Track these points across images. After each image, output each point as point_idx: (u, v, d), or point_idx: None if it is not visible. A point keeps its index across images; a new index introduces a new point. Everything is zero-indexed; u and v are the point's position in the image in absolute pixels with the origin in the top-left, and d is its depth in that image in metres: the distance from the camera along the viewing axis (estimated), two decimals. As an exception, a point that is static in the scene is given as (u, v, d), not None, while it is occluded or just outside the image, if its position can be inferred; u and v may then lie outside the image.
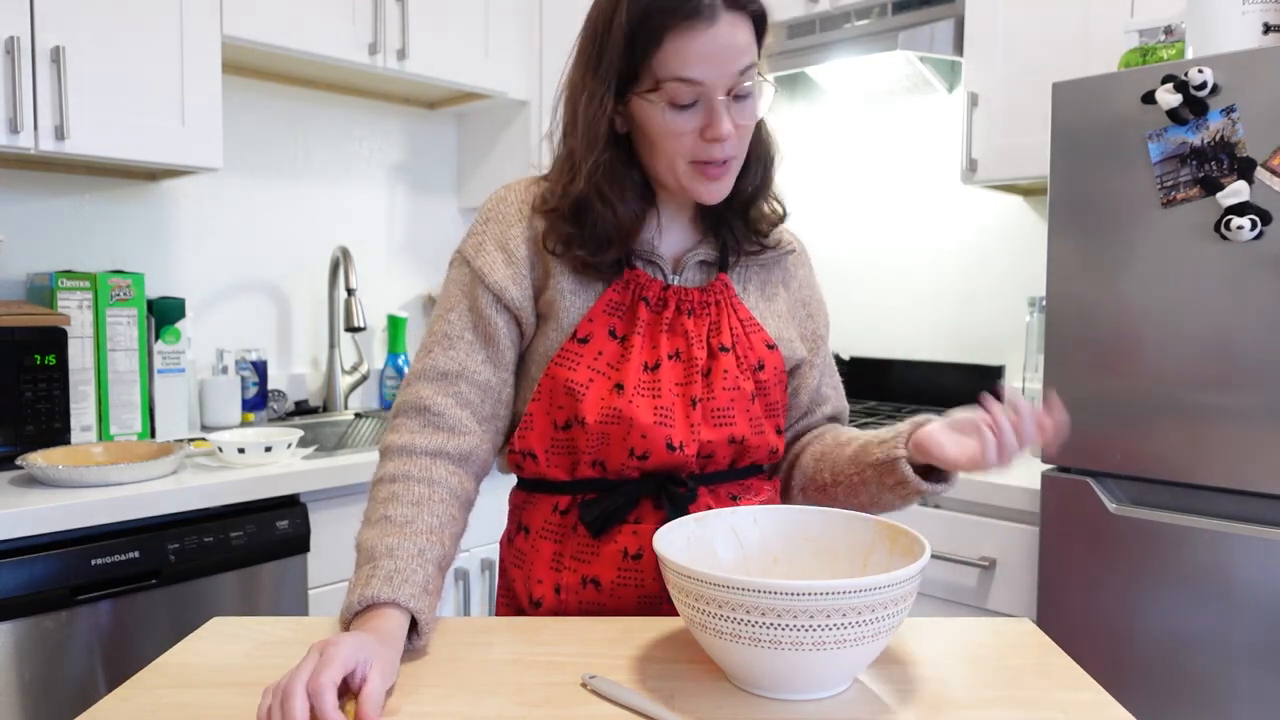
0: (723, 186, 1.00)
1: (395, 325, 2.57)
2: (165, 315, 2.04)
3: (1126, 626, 1.62)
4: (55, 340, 1.77)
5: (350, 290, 2.32)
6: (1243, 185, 1.47)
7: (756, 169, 1.06)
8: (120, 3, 1.80)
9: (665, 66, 0.93)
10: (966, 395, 2.39)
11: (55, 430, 1.77)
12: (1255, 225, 1.46)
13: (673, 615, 0.96)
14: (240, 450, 1.74)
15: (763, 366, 1.04)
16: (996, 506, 1.83)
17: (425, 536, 0.91)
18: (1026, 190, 2.31)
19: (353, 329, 2.31)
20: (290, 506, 1.76)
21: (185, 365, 2.08)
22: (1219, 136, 1.49)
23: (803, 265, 1.17)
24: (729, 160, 0.98)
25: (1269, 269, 1.46)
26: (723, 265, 1.07)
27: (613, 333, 1.00)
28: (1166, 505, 1.59)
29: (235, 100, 2.28)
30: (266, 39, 2.00)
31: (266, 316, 2.41)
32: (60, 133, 1.72)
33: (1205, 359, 1.53)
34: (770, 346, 1.06)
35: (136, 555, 1.55)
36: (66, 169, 2.03)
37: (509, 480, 1.11)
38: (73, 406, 1.86)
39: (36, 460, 1.61)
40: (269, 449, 1.76)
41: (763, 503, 1.07)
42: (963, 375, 2.46)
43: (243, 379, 2.25)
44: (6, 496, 1.50)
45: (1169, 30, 1.72)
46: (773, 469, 1.15)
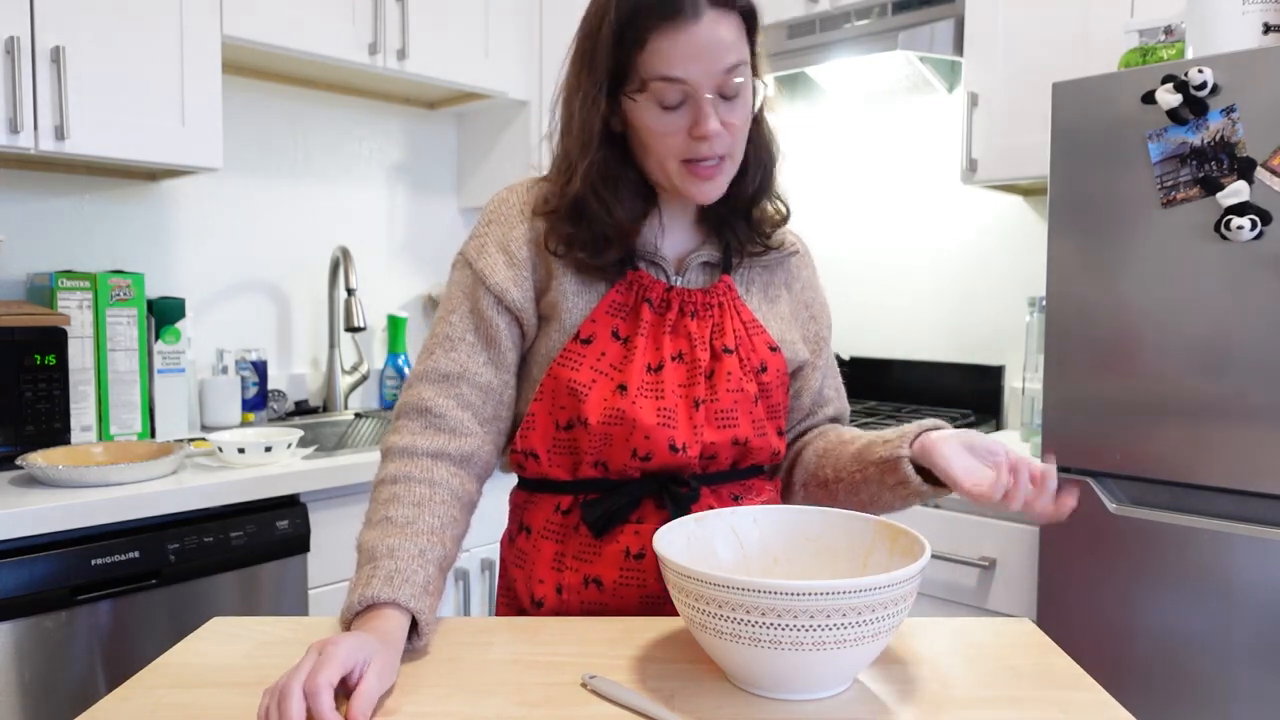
0: (715, 186, 0.99)
1: (395, 325, 2.57)
2: (165, 315, 2.04)
3: (1126, 626, 1.62)
4: (55, 340, 1.77)
5: (350, 290, 2.32)
6: (1243, 185, 1.47)
7: (756, 170, 1.05)
8: (120, 3, 1.80)
9: (650, 66, 0.94)
10: (966, 395, 2.44)
11: (55, 430, 1.77)
12: (1255, 225, 1.46)
13: (675, 615, 0.96)
14: (240, 450, 1.74)
15: (765, 368, 1.04)
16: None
17: (426, 537, 0.91)
18: (1026, 190, 2.31)
19: (353, 329, 2.31)
20: (290, 506, 1.76)
21: (185, 365, 2.08)
22: (1219, 136, 1.49)
23: (806, 267, 1.17)
24: (721, 159, 0.97)
25: (1269, 269, 1.46)
26: (726, 267, 1.07)
27: (616, 334, 1.00)
28: (1166, 505, 1.59)
29: (235, 100, 2.28)
30: (266, 39, 2.00)
31: (266, 316, 2.41)
32: (60, 133, 1.72)
33: (1205, 359, 1.53)
34: (773, 348, 1.06)
35: (136, 555, 1.55)
36: (66, 169, 2.03)
37: (509, 480, 1.11)
38: (73, 406, 1.86)
39: (36, 460, 1.61)
40: (269, 449, 1.77)
41: (764, 503, 1.07)
42: (963, 375, 2.46)
43: (243, 379, 2.25)
44: (6, 496, 1.50)
45: (1169, 30, 1.72)
46: (773, 469, 1.15)
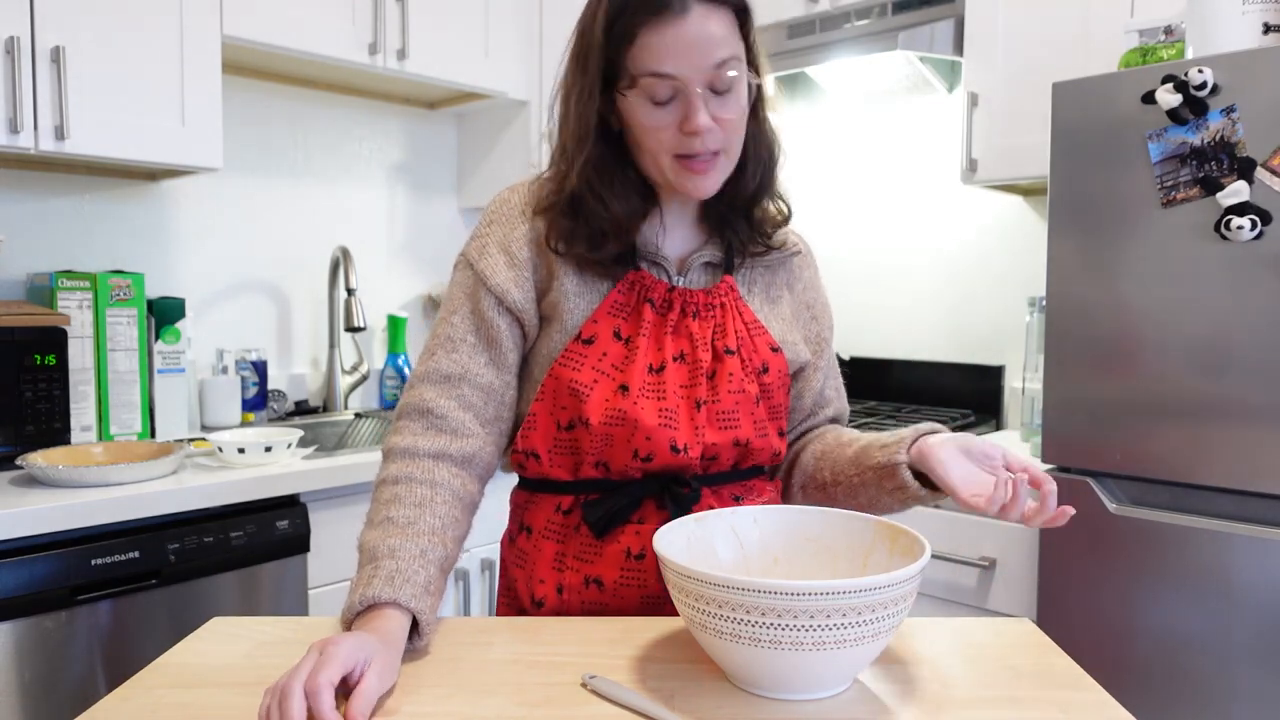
0: (708, 180, 0.98)
1: (395, 325, 2.57)
2: (165, 315, 2.04)
3: (1126, 626, 1.62)
4: (55, 340, 1.77)
5: (350, 290, 2.32)
6: (1243, 185, 1.47)
7: (756, 167, 1.04)
8: (120, 3, 1.80)
9: (640, 62, 0.94)
10: (966, 395, 2.44)
11: (55, 430, 1.77)
12: (1255, 225, 1.46)
13: (675, 615, 0.96)
14: (240, 450, 1.74)
15: (767, 369, 1.04)
16: (996, 506, 1.83)
17: (427, 538, 0.91)
18: (1026, 190, 2.31)
19: (353, 329, 2.31)
20: (290, 506, 1.76)
21: (185, 365, 2.08)
22: (1219, 136, 1.49)
23: (808, 267, 1.16)
24: (715, 154, 0.97)
25: (1269, 269, 1.46)
26: (728, 267, 1.07)
27: (617, 334, 1.00)
28: (1166, 505, 1.59)
29: (235, 100, 2.28)
30: (266, 39, 2.00)
31: (266, 316, 2.41)
32: (60, 133, 1.72)
33: (1205, 359, 1.53)
34: (774, 349, 1.06)
35: (136, 555, 1.55)
36: (66, 169, 2.03)
37: (509, 480, 1.11)
38: (73, 406, 1.86)
39: (36, 460, 1.61)
40: (269, 449, 1.76)
41: (765, 503, 1.07)
42: (963, 375, 2.46)
43: (243, 379, 2.25)
44: (6, 496, 1.50)
45: (1169, 30, 1.72)
46: (774, 470, 1.15)
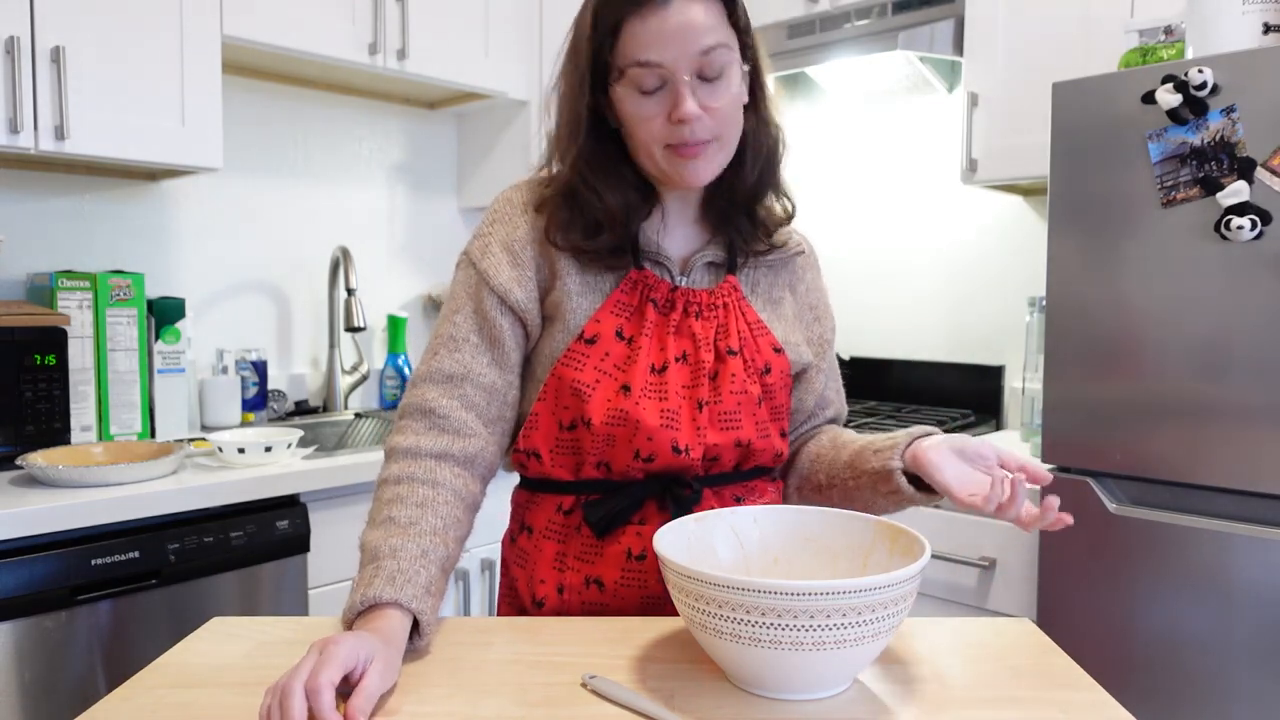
0: (701, 165, 0.98)
1: (395, 325, 2.57)
2: (165, 315, 2.04)
3: (1126, 626, 1.62)
4: (55, 340, 1.76)
5: (350, 290, 2.32)
6: (1243, 185, 1.47)
7: (756, 161, 1.04)
8: (120, 3, 1.80)
9: (626, 53, 0.95)
10: (966, 395, 2.44)
11: (55, 430, 1.77)
12: (1255, 225, 1.46)
13: (675, 616, 0.96)
14: (240, 450, 1.74)
15: (769, 370, 1.04)
16: (996, 506, 1.83)
17: (429, 538, 0.91)
18: (1026, 190, 2.31)
19: (353, 329, 2.31)
20: (290, 506, 1.76)
21: (185, 365, 2.08)
22: (1219, 136, 1.49)
23: (811, 267, 1.16)
24: (707, 142, 0.97)
25: (1269, 269, 1.46)
26: (731, 267, 1.06)
27: (620, 334, 1.00)
28: (1166, 505, 1.59)
29: (235, 100, 2.28)
30: (266, 39, 2.00)
31: (266, 316, 2.41)
32: (60, 133, 1.72)
33: (1205, 359, 1.53)
34: (777, 350, 1.05)
35: (136, 555, 1.55)
36: (66, 169, 2.03)
37: (510, 479, 1.11)
38: (73, 406, 1.85)
39: (36, 460, 1.61)
40: (269, 449, 1.76)
41: (766, 504, 1.07)
42: (963, 375, 2.46)
43: (243, 379, 2.25)
44: (6, 496, 1.50)
45: (1169, 30, 1.72)
46: (778, 470, 1.15)
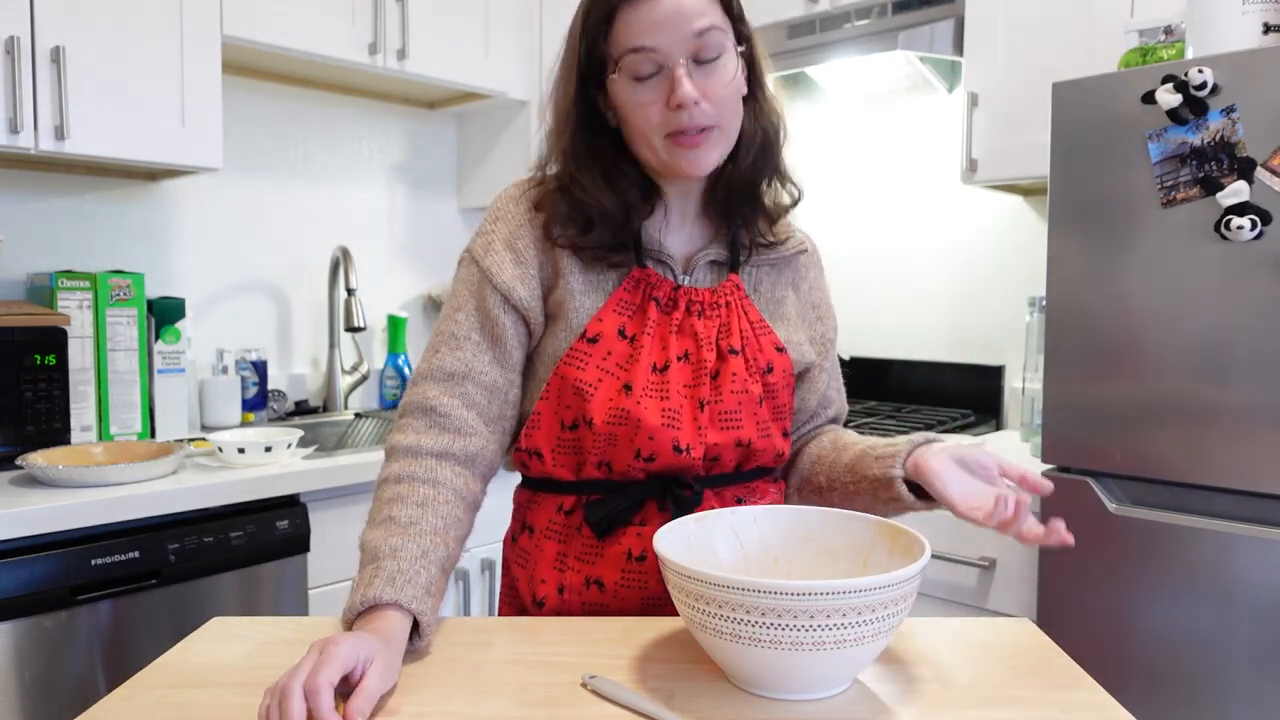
0: (702, 155, 0.97)
1: (395, 325, 2.57)
2: (165, 315, 2.04)
3: (1126, 626, 1.62)
4: (55, 340, 1.76)
5: (350, 290, 2.32)
6: (1243, 185, 1.47)
7: (752, 147, 1.03)
8: (120, 3, 1.80)
9: (620, 41, 0.95)
10: (966, 395, 2.44)
11: (55, 430, 1.77)
12: (1255, 225, 1.46)
13: (675, 616, 0.96)
14: (240, 450, 1.74)
15: (771, 369, 1.04)
16: (996, 506, 1.83)
17: (429, 538, 0.91)
18: (1026, 190, 2.31)
19: (353, 329, 2.31)
20: (290, 506, 1.76)
21: (185, 365, 2.08)
22: (1219, 136, 1.48)
23: (813, 266, 1.16)
24: (707, 130, 0.96)
25: (1269, 269, 1.46)
26: (733, 266, 1.06)
27: (622, 332, 1.00)
28: (1166, 505, 1.59)
29: (235, 100, 2.28)
30: (267, 39, 2.00)
31: (266, 316, 2.41)
32: (60, 133, 1.72)
33: (1205, 359, 1.53)
34: (779, 349, 1.05)
35: (136, 555, 1.55)
36: (66, 169, 2.03)
37: (511, 479, 1.11)
38: (73, 406, 1.85)
39: (36, 460, 1.61)
40: (269, 449, 1.76)
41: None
42: (963, 375, 2.46)
43: (243, 379, 2.25)
44: (6, 496, 1.50)
45: (1169, 30, 1.72)
46: (779, 470, 1.15)
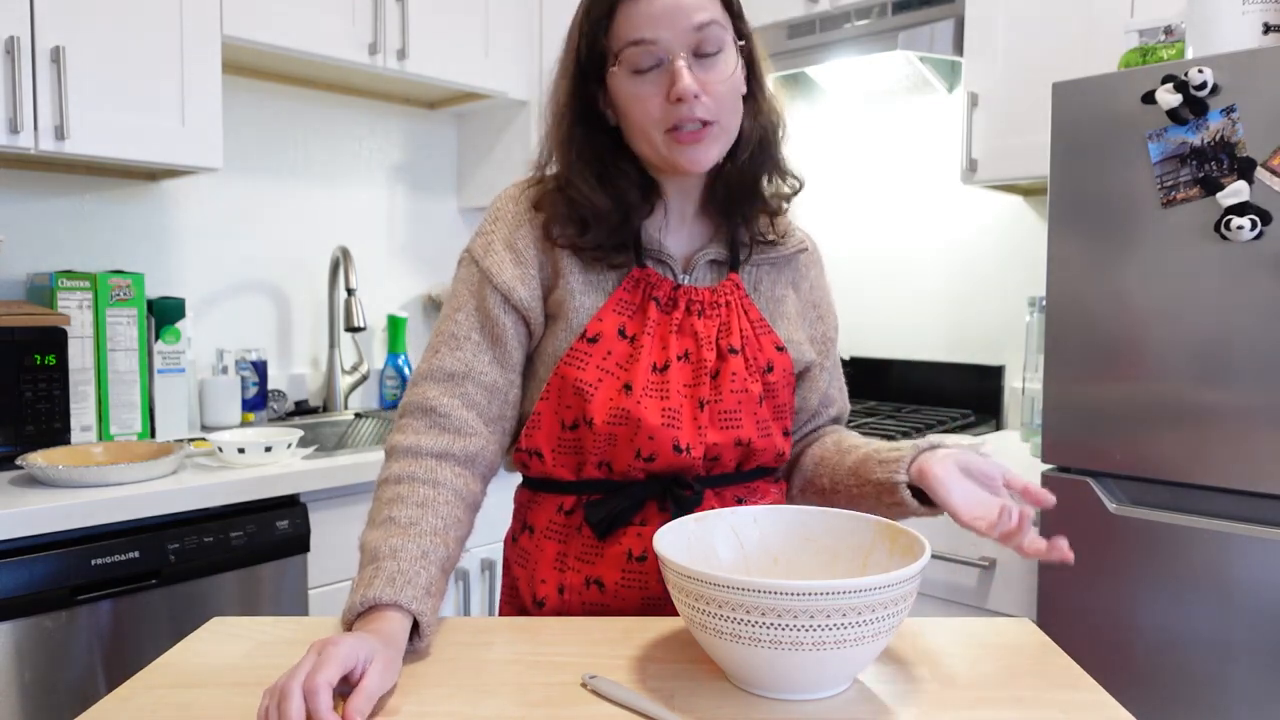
0: (702, 151, 0.97)
1: (395, 325, 2.57)
2: (165, 315, 2.04)
3: (1126, 626, 1.62)
4: (55, 340, 1.76)
5: (350, 290, 2.32)
6: (1243, 185, 1.47)
7: (751, 141, 1.03)
8: (120, 3, 1.80)
9: (620, 35, 0.95)
10: (966, 395, 2.44)
11: (55, 430, 1.77)
12: (1255, 225, 1.46)
13: (675, 616, 0.96)
14: (240, 450, 1.74)
15: (771, 369, 1.04)
16: (996, 506, 1.83)
17: (429, 538, 0.90)
18: (1026, 190, 2.31)
19: (353, 329, 2.31)
20: (290, 506, 1.76)
21: (185, 365, 2.08)
22: (1219, 136, 1.48)
23: (814, 265, 1.16)
24: (707, 125, 0.96)
25: (1269, 269, 1.46)
26: (733, 265, 1.06)
27: (622, 332, 1.00)
28: (1166, 505, 1.59)
29: (235, 100, 2.28)
30: (266, 39, 2.00)
31: (266, 316, 2.41)
32: (60, 133, 1.72)
33: (1205, 359, 1.53)
34: (780, 349, 1.05)
35: (136, 555, 1.55)
36: (66, 169, 2.03)
37: (512, 479, 1.11)
38: (73, 406, 1.85)
39: (36, 460, 1.61)
40: (269, 449, 1.76)
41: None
42: (963, 375, 2.46)
43: (243, 379, 2.25)
44: (6, 496, 1.50)
45: (1169, 30, 1.72)
46: (780, 470, 1.14)
